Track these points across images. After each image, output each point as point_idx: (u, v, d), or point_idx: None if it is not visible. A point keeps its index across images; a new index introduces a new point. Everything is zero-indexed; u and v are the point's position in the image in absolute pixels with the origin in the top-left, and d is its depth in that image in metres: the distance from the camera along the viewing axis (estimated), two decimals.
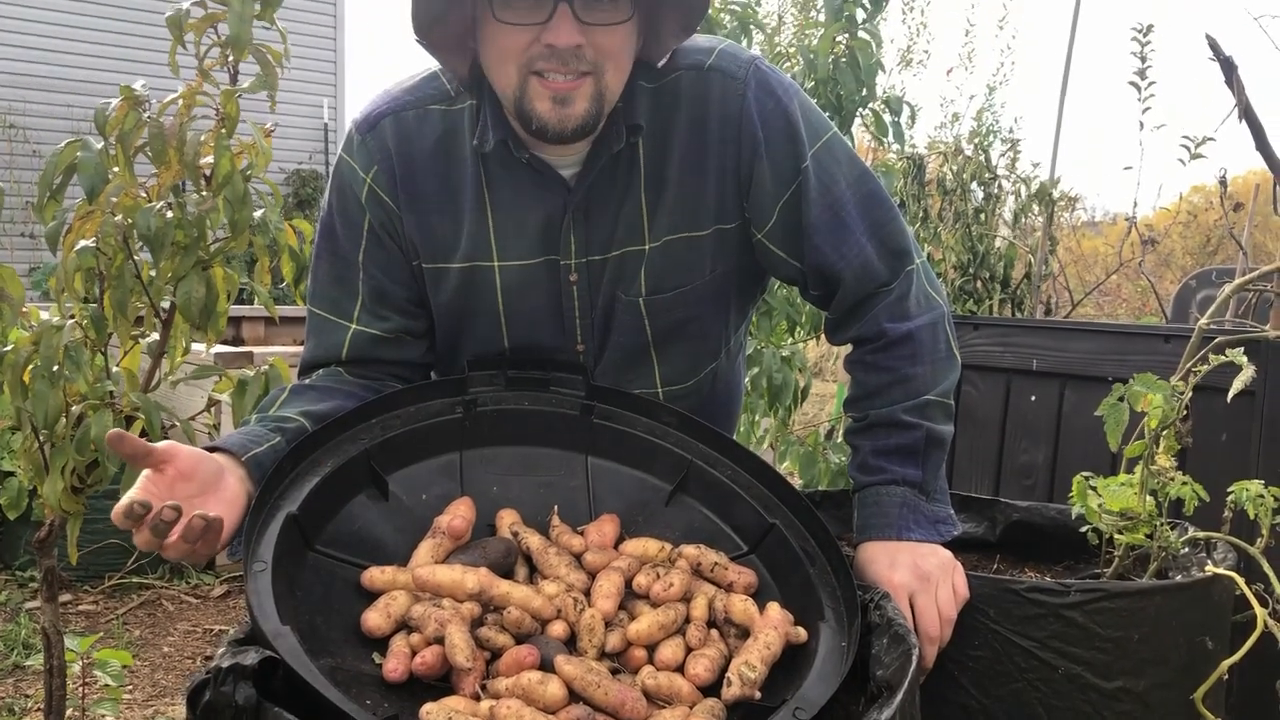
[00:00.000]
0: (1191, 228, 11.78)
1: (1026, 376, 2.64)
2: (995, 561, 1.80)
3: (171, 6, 1.98)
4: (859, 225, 1.51)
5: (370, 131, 1.49)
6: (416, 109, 1.49)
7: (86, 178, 1.96)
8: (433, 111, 1.48)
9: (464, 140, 1.48)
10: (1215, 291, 3.36)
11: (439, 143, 1.48)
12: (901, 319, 1.53)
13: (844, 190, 1.51)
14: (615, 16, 1.33)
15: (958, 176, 4.23)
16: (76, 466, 1.98)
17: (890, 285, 1.53)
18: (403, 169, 1.48)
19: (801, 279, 1.56)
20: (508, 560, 1.34)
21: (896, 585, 1.39)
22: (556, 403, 1.52)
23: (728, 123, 1.46)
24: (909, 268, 1.55)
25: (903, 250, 1.55)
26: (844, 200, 1.50)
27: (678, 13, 1.40)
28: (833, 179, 1.50)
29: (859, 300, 1.54)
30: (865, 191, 1.52)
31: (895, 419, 1.51)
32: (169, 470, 1.23)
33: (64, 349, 1.93)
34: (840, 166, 1.51)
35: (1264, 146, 2.01)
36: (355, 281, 1.53)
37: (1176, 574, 1.57)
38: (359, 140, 1.50)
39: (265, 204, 2.10)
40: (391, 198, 1.49)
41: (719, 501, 1.48)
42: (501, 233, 1.49)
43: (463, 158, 1.48)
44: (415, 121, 1.48)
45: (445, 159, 1.48)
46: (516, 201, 1.48)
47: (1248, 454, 2.18)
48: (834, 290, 1.55)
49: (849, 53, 3.06)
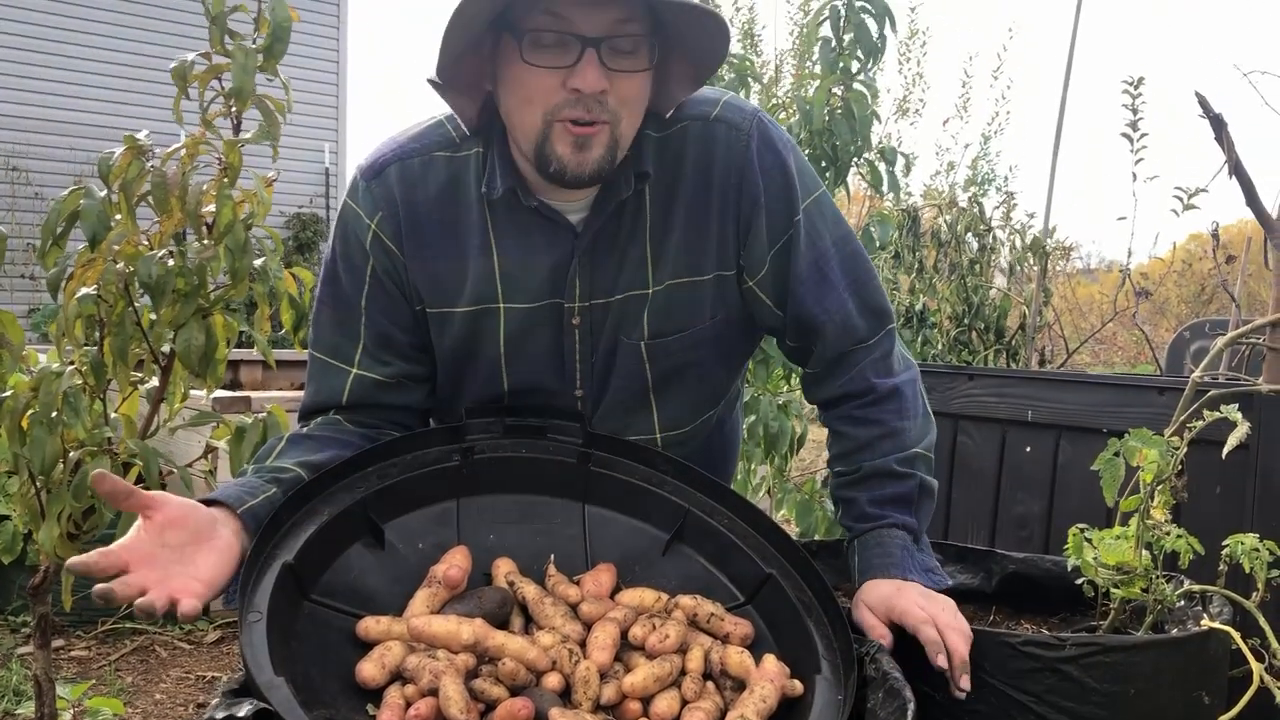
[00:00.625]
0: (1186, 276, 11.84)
1: (1022, 427, 2.65)
2: (991, 613, 1.79)
3: (174, 51, 2.01)
4: (841, 281, 1.56)
5: (376, 178, 1.51)
6: (422, 156, 1.50)
7: (89, 225, 1.98)
8: (438, 158, 1.50)
9: (469, 186, 1.50)
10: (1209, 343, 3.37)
11: (444, 189, 1.50)
12: (887, 375, 1.58)
13: (829, 246, 1.56)
14: (637, 65, 1.37)
15: (952, 228, 4.27)
16: (73, 513, 1.98)
17: (870, 342, 1.58)
18: (407, 215, 1.50)
19: (782, 328, 1.60)
20: (503, 610, 1.34)
21: (907, 596, 1.41)
22: (554, 450, 1.52)
23: (731, 171, 1.49)
24: (889, 327, 1.61)
25: (882, 309, 1.60)
26: (829, 255, 1.55)
27: (690, 66, 1.44)
28: (819, 235, 1.55)
29: (840, 354, 1.58)
30: (849, 250, 1.58)
31: (889, 469, 1.54)
32: (157, 517, 1.23)
33: (63, 395, 1.94)
34: (827, 224, 1.56)
35: (1254, 202, 2.04)
36: (358, 326, 1.54)
37: (1172, 628, 1.56)
38: (364, 186, 1.51)
39: (266, 252, 2.11)
40: (396, 243, 1.50)
41: (716, 551, 1.48)
42: (508, 276, 1.50)
43: (468, 203, 1.50)
44: (420, 168, 1.50)
45: (450, 205, 1.50)
46: (523, 246, 1.50)
47: (1242, 507, 2.18)
48: (812, 342, 1.58)
49: (844, 104, 3.10)
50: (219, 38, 2.00)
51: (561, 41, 1.33)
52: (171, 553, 1.23)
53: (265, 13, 2.02)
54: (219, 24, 1.99)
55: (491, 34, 1.38)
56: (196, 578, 1.22)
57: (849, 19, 3.03)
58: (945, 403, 2.78)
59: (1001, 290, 4.30)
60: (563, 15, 1.32)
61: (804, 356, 1.62)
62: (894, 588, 1.44)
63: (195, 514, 1.27)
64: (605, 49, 1.33)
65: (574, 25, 1.32)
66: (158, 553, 1.22)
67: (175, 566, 1.22)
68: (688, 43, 1.40)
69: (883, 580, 1.47)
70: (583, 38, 1.32)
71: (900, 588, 1.44)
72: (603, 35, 1.32)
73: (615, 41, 1.34)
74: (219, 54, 2.01)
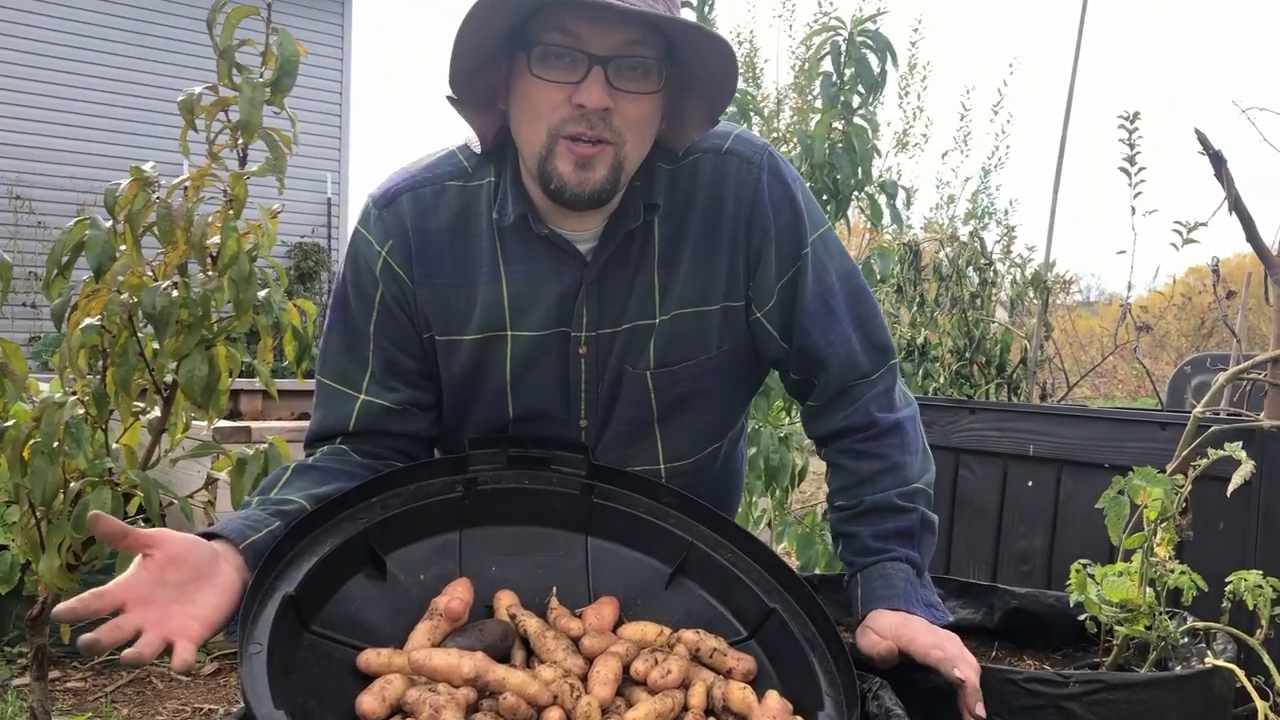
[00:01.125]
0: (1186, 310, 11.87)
1: (1023, 462, 2.65)
2: (994, 649, 1.79)
3: (180, 83, 2.03)
4: (845, 315, 1.57)
5: (387, 206, 1.52)
6: (434, 185, 1.52)
7: (94, 256, 1.99)
8: (450, 187, 1.52)
9: (480, 215, 1.51)
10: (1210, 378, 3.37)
11: (455, 218, 1.51)
12: (890, 410, 1.58)
13: (834, 280, 1.57)
14: (645, 87, 1.39)
15: (953, 263, 4.28)
16: (73, 544, 1.98)
17: (873, 376, 1.59)
18: (418, 243, 1.51)
19: (786, 360, 1.60)
20: (505, 643, 1.34)
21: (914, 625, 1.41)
22: (557, 482, 1.52)
23: (742, 203, 1.51)
24: (891, 362, 1.62)
25: (885, 345, 1.61)
26: (834, 290, 1.57)
27: (702, 99, 1.45)
28: (825, 269, 1.57)
29: (843, 389, 1.59)
30: (853, 285, 1.60)
31: (891, 503, 1.54)
32: (158, 555, 1.21)
33: (65, 425, 1.94)
34: (833, 258, 1.58)
35: (1254, 238, 2.04)
36: (366, 353, 1.55)
37: (1176, 665, 1.56)
38: (375, 214, 1.53)
39: (269, 283, 2.12)
40: (406, 271, 1.51)
41: (719, 585, 1.48)
42: (516, 304, 1.51)
43: (478, 232, 1.51)
44: (432, 197, 1.51)
45: (461, 233, 1.51)
46: (532, 274, 1.51)
47: (1245, 543, 2.17)
48: (815, 376, 1.59)
49: (845, 138, 3.12)
50: (227, 71, 2.02)
51: (571, 57, 1.35)
52: (171, 591, 1.21)
53: (273, 47, 2.04)
54: (227, 58, 2.01)
55: (507, 50, 1.40)
56: (195, 617, 1.21)
57: (850, 54, 3.06)
58: (947, 437, 2.78)
59: (1003, 324, 4.31)
60: (574, 32, 1.34)
61: (806, 390, 1.63)
62: (900, 618, 1.44)
63: (197, 550, 1.26)
64: (613, 68, 1.35)
65: (584, 43, 1.34)
66: (156, 591, 1.20)
67: (174, 605, 1.20)
68: (699, 76, 1.42)
69: (887, 611, 1.46)
70: (591, 55, 1.34)
71: (906, 619, 1.44)
72: (611, 55, 1.35)
73: (624, 61, 1.36)
74: (226, 87, 2.03)
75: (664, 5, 1.36)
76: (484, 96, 1.45)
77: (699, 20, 2.99)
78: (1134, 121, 3.42)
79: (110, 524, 1.20)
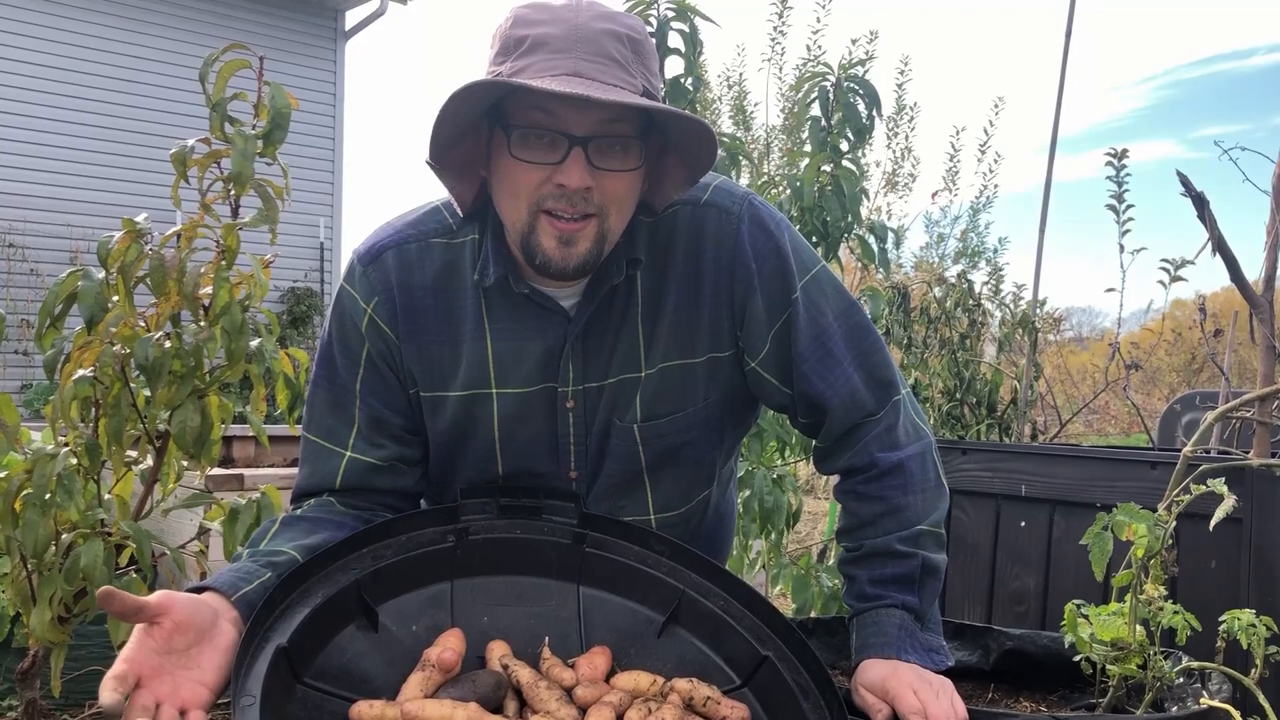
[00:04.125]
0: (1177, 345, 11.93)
1: (1016, 502, 2.65)
2: (989, 691, 1.78)
3: (173, 133, 2.05)
4: (846, 356, 1.55)
5: (373, 263, 1.52)
6: (418, 242, 1.52)
7: (86, 307, 2.00)
8: (434, 244, 1.52)
9: (465, 273, 1.51)
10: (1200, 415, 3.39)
11: (440, 275, 1.52)
12: (892, 449, 1.56)
13: (831, 321, 1.55)
14: (626, 164, 1.39)
15: (942, 304, 4.30)
16: (64, 596, 1.97)
17: (877, 415, 1.57)
18: (403, 300, 1.51)
19: (791, 405, 1.59)
20: (498, 694, 1.33)
21: (901, 680, 1.38)
22: (548, 531, 1.52)
23: (722, 255, 1.51)
24: (895, 398, 1.58)
25: (889, 381, 1.58)
26: (831, 331, 1.55)
27: (684, 166, 1.45)
28: (820, 311, 1.55)
29: (847, 429, 1.57)
30: (852, 323, 1.57)
31: (890, 548, 1.52)
32: (165, 623, 1.22)
33: (57, 477, 1.94)
34: (828, 299, 1.56)
35: (1239, 278, 2.06)
36: (352, 409, 1.55)
37: (1172, 705, 1.55)
38: (361, 271, 1.53)
39: (262, 332, 2.13)
40: (391, 328, 1.52)
41: (711, 633, 1.48)
42: (500, 361, 1.52)
43: (463, 289, 1.52)
44: (417, 254, 1.52)
45: (445, 290, 1.52)
46: (517, 331, 1.51)
47: (1238, 581, 2.17)
48: (822, 419, 1.58)
49: (834, 181, 3.15)
50: (219, 124, 2.04)
51: (550, 138, 1.35)
52: (178, 658, 1.22)
53: (265, 100, 2.06)
54: (219, 110, 2.03)
55: (487, 122, 1.41)
56: (203, 683, 1.23)
57: (837, 100, 3.10)
58: None
59: (992, 364, 4.33)
60: (553, 112, 1.34)
61: (815, 431, 1.62)
62: (889, 669, 1.42)
63: (200, 613, 1.26)
64: (593, 148, 1.35)
65: (562, 123, 1.34)
66: (164, 661, 1.21)
67: (182, 673, 1.22)
68: (680, 144, 1.42)
69: (878, 660, 1.45)
70: (571, 136, 1.34)
71: (895, 669, 1.42)
72: (590, 135, 1.34)
73: (603, 141, 1.36)
74: (219, 139, 2.05)
75: (641, 76, 1.37)
76: (464, 163, 1.45)
77: (687, 62, 3.03)
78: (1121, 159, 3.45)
79: (123, 601, 1.21)
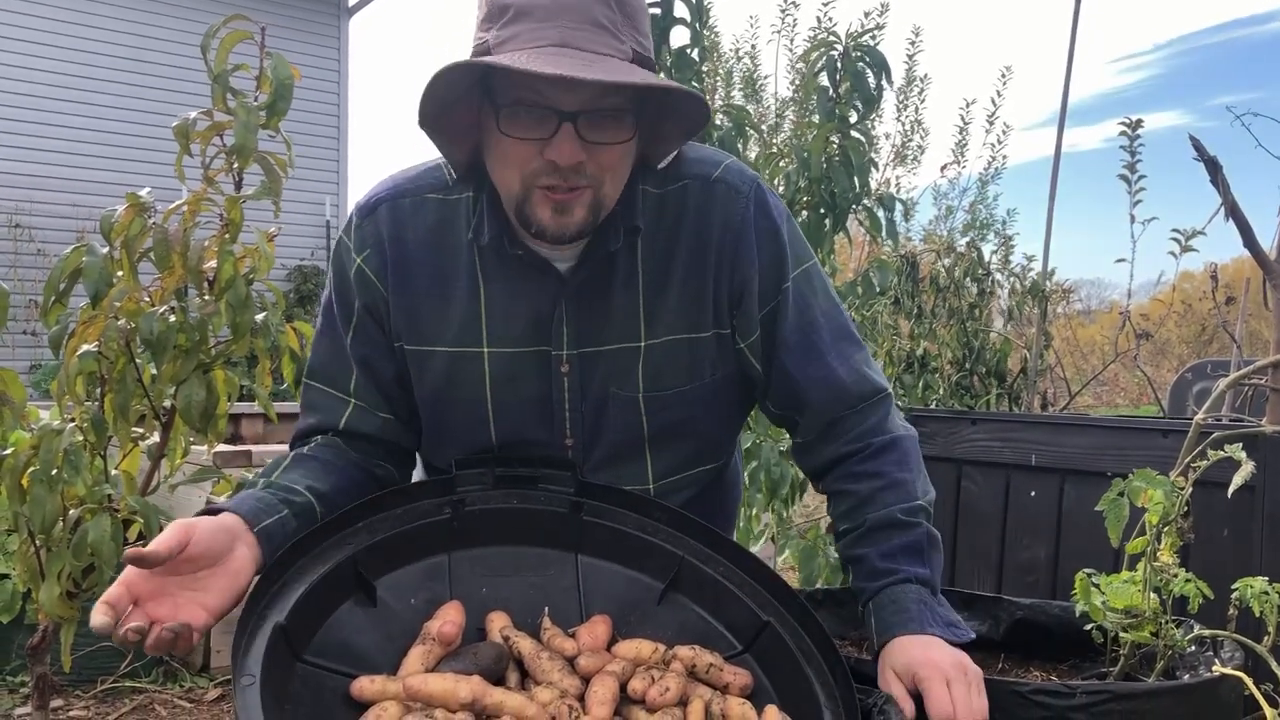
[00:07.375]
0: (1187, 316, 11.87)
1: (1026, 472, 2.64)
2: (1000, 660, 1.77)
3: (176, 109, 2.03)
4: (830, 350, 1.55)
5: (368, 216, 1.53)
6: (414, 196, 1.52)
7: (91, 282, 1.99)
8: (429, 200, 1.52)
9: (459, 229, 1.51)
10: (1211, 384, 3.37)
11: (433, 230, 1.51)
12: (885, 431, 1.56)
13: (818, 316, 1.56)
14: (618, 136, 1.37)
15: (950, 273, 4.28)
16: (73, 571, 1.97)
17: (860, 408, 1.56)
18: (394, 252, 1.51)
19: (765, 393, 1.59)
20: (499, 666, 1.32)
21: (935, 668, 1.34)
22: (545, 500, 1.51)
23: (728, 233, 1.50)
24: (881, 397, 1.58)
25: (875, 383, 1.58)
26: (817, 325, 1.55)
27: (679, 124, 1.44)
28: (807, 304, 1.55)
29: (833, 420, 1.56)
30: (837, 324, 1.58)
31: (894, 519, 1.50)
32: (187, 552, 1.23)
33: (63, 453, 1.93)
34: (816, 295, 1.56)
35: (1252, 244, 2.04)
36: (348, 359, 1.56)
37: (1184, 673, 1.54)
38: (356, 223, 1.54)
39: (267, 306, 2.12)
40: (380, 280, 1.52)
41: (712, 599, 1.46)
42: (492, 319, 1.51)
43: (457, 246, 1.51)
44: (411, 207, 1.52)
45: (439, 246, 1.51)
46: (510, 290, 1.50)
47: (1250, 549, 2.16)
48: (797, 410, 1.57)
49: (842, 152, 3.12)
50: (221, 96, 2.02)
51: (539, 114, 1.32)
52: (184, 580, 1.23)
53: (268, 71, 2.04)
54: (221, 82, 2.01)
55: (478, 94, 1.39)
56: (204, 605, 1.23)
57: (845, 69, 3.06)
58: (948, 448, 2.77)
59: (1002, 334, 4.30)
60: (540, 89, 1.31)
61: (789, 425, 1.62)
62: (920, 652, 1.38)
63: (217, 540, 1.27)
64: (583, 122, 1.33)
65: (551, 100, 1.32)
66: (166, 583, 1.22)
67: (184, 594, 1.22)
68: (671, 105, 1.41)
69: (906, 638, 1.41)
70: (561, 112, 1.32)
71: (927, 653, 1.37)
72: (580, 110, 1.32)
73: (594, 114, 1.33)
74: (221, 112, 2.03)
75: (631, 38, 1.34)
76: (460, 126, 1.43)
77: (693, 33, 3.00)
78: (1135, 129, 3.41)
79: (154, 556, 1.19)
